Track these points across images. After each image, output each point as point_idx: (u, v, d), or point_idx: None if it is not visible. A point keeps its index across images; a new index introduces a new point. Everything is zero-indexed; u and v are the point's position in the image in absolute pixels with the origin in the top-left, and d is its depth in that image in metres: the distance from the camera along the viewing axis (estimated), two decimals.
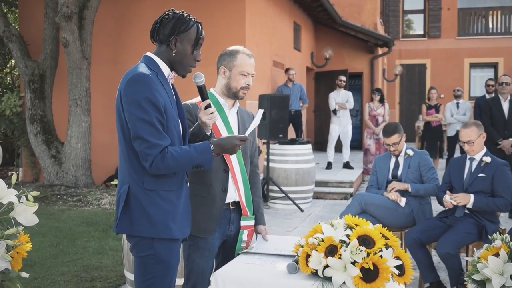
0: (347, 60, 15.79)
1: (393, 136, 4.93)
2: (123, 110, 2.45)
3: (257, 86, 10.20)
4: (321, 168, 11.33)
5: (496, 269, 2.14)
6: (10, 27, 9.37)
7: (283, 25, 12.21)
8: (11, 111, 10.14)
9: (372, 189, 5.08)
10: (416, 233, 4.48)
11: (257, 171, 3.39)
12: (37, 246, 6.07)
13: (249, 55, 3.09)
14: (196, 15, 8.99)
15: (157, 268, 2.52)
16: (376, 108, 11.09)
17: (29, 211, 2.34)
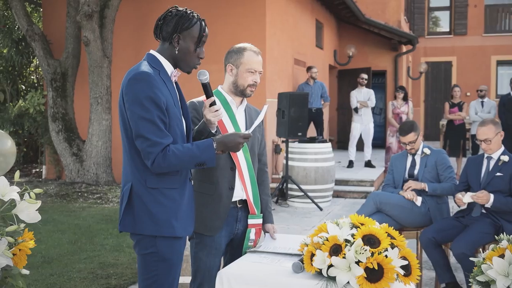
0: (371, 58, 15.65)
1: (410, 135, 4.86)
2: (125, 108, 2.45)
3: (278, 84, 10.17)
4: (342, 166, 11.27)
5: (501, 271, 2.08)
6: (33, 26, 9.49)
7: (305, 23, 12.14)
8: (34, 109, 10.28)
9: (388, 188, 5.01)
10: (431, 232, 4.41)
11: (266, 169, 3.37)
12: (56, 243, 6.15)
13: (257, 53, 3.06)
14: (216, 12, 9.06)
15: (160, 266, 2.51)
16: (399, 106, 10.95)
17: (31, 208, 2.35)
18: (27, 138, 11.62)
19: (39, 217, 2.38)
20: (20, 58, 10.73)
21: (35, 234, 6.46)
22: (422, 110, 19.77)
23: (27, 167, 12.03)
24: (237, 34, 9.60)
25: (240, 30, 9.60)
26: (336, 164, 11.51)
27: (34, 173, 11.43)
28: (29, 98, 10.36)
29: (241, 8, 9.60)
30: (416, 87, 19.58)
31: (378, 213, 4.74)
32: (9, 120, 10.66)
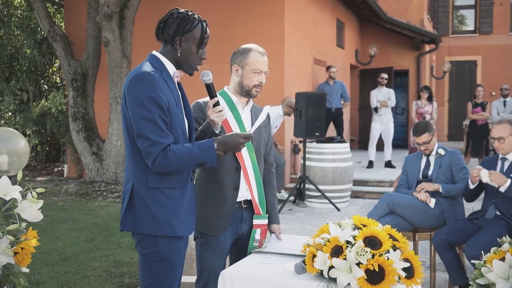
0: (393, 57, 15.51)
1: (424, 135, 4.80)
2: (127, 108, 2.47)
3: (297, 84, 10.15)
4: (362, 167, 11.20)
5: (501, 274, 2.04)
6: (55, 26, 9.63)
7: (325, 22, 12.08)
8: (56, 109, 10.42)
9: (402, 188, 4.96)
10: (444, 234, 4.35)
11: (272, 169, 3.36)
12: (73, 241, 6.23)
13: (262, 53, 3.06)
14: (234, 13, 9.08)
15: (160, 266, 2.53)
16: (423, 106, 10.86)
17: (34, 207, 2.38)
18: (50, 137, 11.78)
19: (41, 216, 2.41)
20: (42, 58, 10.87)
21: (53, 232, 6.61)
22: (446, 110, 19.52)
23: (49, 166, 12.20)
24: (255, 34, 9.60)
25: (259, 30, 9.60)
26: (356, 164, 11.48)
27: (56, 172, 11.58)
28: (51, 98, 10.51)
29: (259, 8, 9.60)
30: (440, 86, 19.34)
31: (391, 214, 4.69)
32: (32, 120, 10.83)
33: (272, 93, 9.51)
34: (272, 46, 9.49)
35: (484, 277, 2.08)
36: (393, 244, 2.52)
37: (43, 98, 11.23)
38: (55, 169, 11.88)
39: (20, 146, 3.93)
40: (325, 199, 8.10)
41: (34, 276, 5.04)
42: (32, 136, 11.05)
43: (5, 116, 11.27)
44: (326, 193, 8.13)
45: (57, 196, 9.13)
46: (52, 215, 7.66)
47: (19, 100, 11.20)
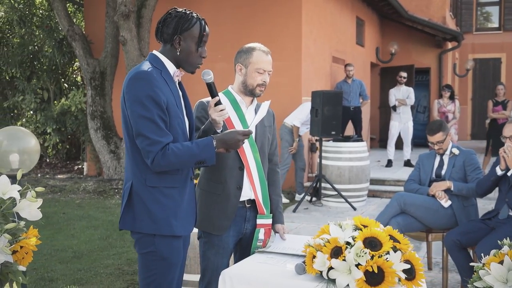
0: (414, 55, 15.33)
1: (438, 134, 4.74)
2: (126, 107, 2.47)
3: (315, 82, 10.10)
4: (381, 165, 11.11)
5: (499, 277, 2.00)
6: (74, 26, 9.73)
7: (345, 20, 12.00)
8: (76, 107, 10.53)
9: (412, 183, 4.90)
10: (456, 235, 4.28)
11: (277, 169, 3.35)
12: (88, 239, 6.28)
13: (266, 52, 3.04)
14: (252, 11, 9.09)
15: (159, 265, 2.53)
16: (446, 105, 10.73)
17: (33, 206, 2.40)
18: (70, 136, 11.92)
19: (40, 215, 2.43)
20: (62, 57, 11.00)
21: (69, 229, 6.68)
22: (470, 108, 19.25)
23: (70, 163, 12.35)
24: (273, 32, 9.59)
25: (276, 29, 9.57)
26: (375, 163, 11.40)
27: (76, 169, 11.71)
28: (71, 97, 10.63)
29: (277, 7, 9.57)
30: (464, 84, 19.08)
31: (403, 214, 4.64)
32: (52, 118, 10.96)
33: (289, 92, 9.49)
34: (289, 45, 9.48)
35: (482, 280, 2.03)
36: (393, 245, 2.49)
37: (64, 97, 11.36)
38: (75, 167, 12.02)
39: (30, 145, 3.96)
40: (341, 198, 8.05)
41: (47, 273, 5.11)
42: (52, 134, 11.19)
43: (27, 115, 11.43)
44: (342, 192, 8.08)
45: (76, 193, 9.23)
46: (69, 212, 7.75)
47: (40, 98, 11.34)
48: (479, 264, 2.13)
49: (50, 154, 12.26)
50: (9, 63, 11.41)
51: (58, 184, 10.06)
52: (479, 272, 2.06)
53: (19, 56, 11.34)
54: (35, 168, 12.04)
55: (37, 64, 11.64)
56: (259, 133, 3.13)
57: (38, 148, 4.04)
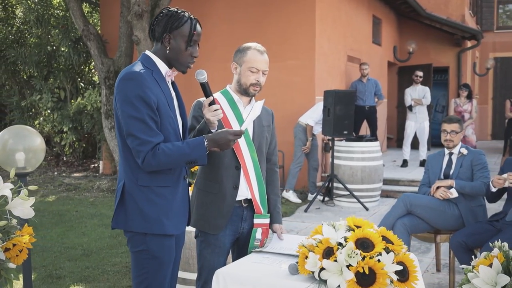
0: (433, 54, 15.16)
1: (454, 124, 4.73)
2: (117, 107, 2.49)
3: (329, 82, 10.05)
4: (397, 165, 11.01)
5: (487, 279, 1.96)
6: (89, 26, 9.81)
7: (360, 19, 11.92)
8: (92, 106, 10.62)
9: (424, 188, 4.86)
10: (462, 236, 4.22)
11: (276, 169, 3.33)
12: (98, 237, 6.33)
13: (261, 51, 3.02)
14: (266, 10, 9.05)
15: (150, 264, 2.54)
16: (462, 104, 10.62)
17: (26, 204, 2.41)
18: (87, 134, 12.03)
19: (32, 213, 2.44)
20: (78, 57, 11.10)
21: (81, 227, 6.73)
22: (490, 108, 19.01)
23: (86, 162, 12.46)
24: (286, 31, 9.56)
25: (290, 28, 9.54)
26: (390, 163, 11.31)
27: (92, 168, 11.82)
28: (87, 96, 10.72)
29: (291, 6, 9.54)
30: (484, 83, 18.84)
31: (409, 215, 4.60)
32: (68, 117, 11.07)
33: (302, 91, 9.46)
34: (303, 44, 9.45)
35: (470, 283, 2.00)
36: (386, 246, 2.46)
37: (80, 96, 11.46)
38: (91, 165, 12.13)
39: (36, 143, 4.00)
40: (353, 198, 8.00)
41: (56, 270, 5.16)
42: (69, 133, 11.31)
43: (44, 114, 11.56)
44: (354, 192, 8.03)
45: (90, 192, 9.32)
46: (82, 210, 7.82)
47: (57, 98, 11.46)
48: (469, 267, 2.10)
49: (67, 152, 12.38)
50: (26, 62, 11.55)
51: (73, 182, 10.16)
52: (467, 275, 2.02)
53: (36, 56, 11.47)
54: (52, 167, 12.18)
55: (54, 63, 11.76)
56: (257, 132, 3.12)
57: (43, 146, 4.07)
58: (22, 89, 12.68)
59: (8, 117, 12.58)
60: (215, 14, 10.11)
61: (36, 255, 5.62)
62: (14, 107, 12.26)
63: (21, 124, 11.52)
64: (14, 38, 12.68)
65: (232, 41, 9.88)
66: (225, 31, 10.00)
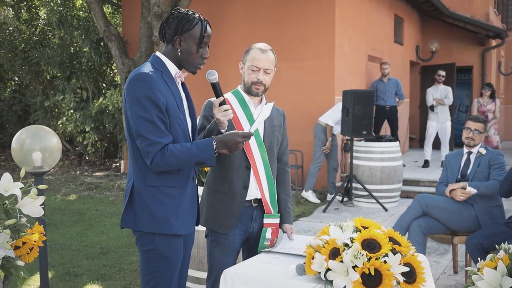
0: (456, 53, 14.97)
1: (479, 124, 4.69)
2: (127, 108, 2.51)
3: (350, 81, 10.00)
4: (418, 166, 10.91)
5: (492, 282, 1.94)
6: (110, 27, 9.92)
7: (382, 18, 11.83)
8: (113, 106, 10.73)
9: (442, 186, 4.81)
10: (478, 238, 4.16)
11: (287, 169, 3.34)
12: (116, 235, 6.40)
13: (263, 50, 3.01)
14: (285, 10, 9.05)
15: (158, 263, 2.56)
16: (485, 104, 10.49)
17: (35, 203, 2.45)
18: (109, 134, 12.16)
19: (42, 212, 2.48)
20: (99, 58, 11.22)
21: (100, 226, 6.80)
22: None
23: (108, 161, 12.59)
24: (306, 31, 9.54)
25: (310, 28, 9.52)
26: (412, 163, 11.21)
27: (114, 167, 11.94)
28: (109, 96, 10.83)
29: (311, 6, 9.51)
30: (510, 83, 18.55)
31: (425, 216, 4.56)
32: (90, 117, 11.20)
33: (322, 91, 9.43)
34: (323, 43, 9.42)
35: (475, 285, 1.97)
36: (393, 247, 2.44)
37: (101, 96, 11.59)
38: (113, 164, 12.25)
39: (52, 143, 4.06)
40: (372, 199, 7.95)
41: (73, 268, 5.22)
42: (90, 132, 11.44)
43: (67, 114, 11.71)
44: (373, 192, 7.98)
45: (110, 191, 9.42)
46: (102, 209, 7.91)
47: (79, 98, 11.60)
48: (474, 269, 2.07)
49: (89, 152, 12.53)
50: (49, 63, 11.72)
51: (95, 181, 10.28)
52: (472, 277, 2.00)
53: (59, 56, 11.63)
54: (74, 166, 12.34)
55: (76, 64, 11.91)
56: (268, 132, 3.12)
57: (59, 146, 4.14)
58: (45, 89, 12.87)
59: (32, 117, 12.77)
60: (234, 14, 10.14)
61: (55, 253, 5.70)
62: (38, 107, 12.45)
63: (45, 124, 11.72)
64: (37, 39, 12.88)
65: (251, 41, 9.83)
66: (244, 31, 10.03)
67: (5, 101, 13.49)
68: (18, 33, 13.16)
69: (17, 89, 13.86)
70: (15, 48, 12.88)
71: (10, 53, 12.89)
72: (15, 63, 12.74)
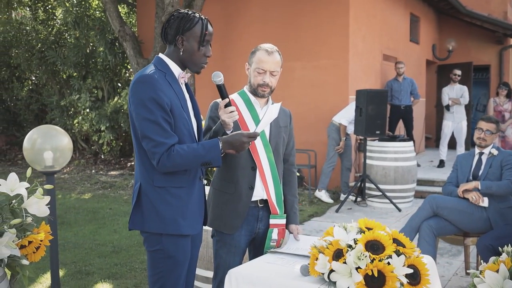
0: (473, 52, 14.81)
1: (492, 124, 4.64)
2: (132, 110, 2.53)
3: (364, 81, 9.95)
4: (433, 166, 10.83)
5: (493, 285, 1.91)
6: (125, 26, 9.97)
7: (397, 17, 11.75)
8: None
9: (450, 186, 4.76)
10: (489, 239, 4.13)
11: (293, 169, 3.33)
12: (128, 234, 6.44)
13: (269, 52, 2.99)
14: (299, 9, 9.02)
15: (165, 263, 2.58)
16: (502, 104, 10.37)
17: (41, 203, 2.47)
18: (125, 133, 12.23)
19: (47, 211, 2.50)
20: (114, 57, 11.29)
21: (113, 225, 6.84)
22: None
23: (123, 160, 12.67)
24: (320, 30, 9.51)
25: (323, 27, 9.49)
26: (427, 163, 11.13)
27: (128, 166, 12.01)
28: (124, 95, 10.90)
29: (324, 4, 9.48)
30: None
31: (435, 217, 4.52)
32: (106, 116, 11.28)
33: (336, 90, 9.40)
34: (337, 43, 9.38)
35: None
36: (397, 249, 2.43)
37: (117, 96, 11.66)
38: (127, 163, 12.32)
39: (63, 143, 4.10)
40: (386, 199, 7.90)
41: (85, 266, 5.27)
42: (106, 131, 11.52)
43: (83, 113, 11.81)
44: (387, 192, 7.93)
45: (124, 190, 9.48)
46: (115, 208, 7.96)
47: (95, 97, 11.69)
48: (476, 272, 2.05)
49: (104, 151, 12.62)
50: (65, 63, 11.82)
51: (109, 180, 10.35)
52: (473, 280, 1.98)
53: (74, 56, 11.72)
54: (90, 165, 12.44)
55: (92, 64, 12.00)
56: (274, 133, 3.12)
57: (70, 146, 4.17)
58: (61, 88, 12.99)
59: (49, 116, 12.90)
60: (249, 13, 10.14)
61: (68, 251, 5.76)
62: (54, 107, 12.56)
63: (61, 123, 11.84)
64: (54, 39, 13.00)
65: (265, 41, 9.81)
66: (258, 30, 10.02)
67: (22, 100, 13.64)
68: (35, 33, 13.30)
69: (34, 89, 14.00)
70: (32, 48, 13.02)
71: (27, 53, 13.03)
72: (32, 63, 12.87)
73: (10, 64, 13.77)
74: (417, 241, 4.51)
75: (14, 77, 13.92)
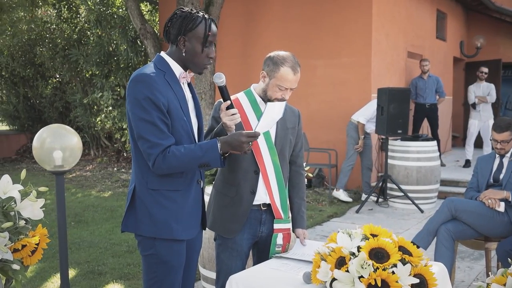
0: (502, 49, 14.43)
1: (505, 133, 4.41)
2: (128, 110, 2.45)
3: (387, 79, 9.76)
4: (459, 166, 10.57)
5: None
6: (146, 25, 9.96)
7: (423, 13, 11.50)
8: None
9: (471, 191, 4.59)
10: (509, 245, 3.96)
11: (302, 171, 3.21)
12: None
13: (295, 70, 2.86)
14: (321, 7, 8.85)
15: (159, 268, 2.50)
16: None
17: (35, 206, 2.41)
18: None
19: (42, 215, 2.44)
20: (135, 56, 11.30)
21: None
22: None
23: None
24: (342, 28, 9.35)
25: (345, 24, 9.32)
26: (453, 163, 10.88)
27: None
28: None
29: (347, 2, 9.31)
30: None
31: (454, 220, 4.36)
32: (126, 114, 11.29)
33: (358, 88, 9.23)
34: (359, 40, 9.21)
35: None
36: (402, 257, 2.31)
37: None
38: None
39: (73, 142, 4.05)
40: (408, 200, 7.72)
41: (98, 266, 5.24)
42: (127, 130, 11.55)
43: (105, 111, 11.85)
44: (409, 193, 7.75)
45: None
46: None
47: (117, 95, 11.72)
48: (483, 284, 1.92)
49: (127, 148, 12.65)
50: (88, 61, 11.88)
51: (129, 178, 10.36)
52: None
53: (97, 55, 11.77)
54: (112, 162, 12.48)
55: (114, 62, 12.03)
56: (280, 135, 3.01)
57: (80, 145, 4.12)
58: (85, 86, 13.07)
59: (72, 113, 12.99)
60: (270, 11, 10.03)
61: (82, 250, 5.74)
62: (78, 104, 12.64)
63: (84, 120, 11.90)
64: (77, 37, 13.08)
65: (286, 39, 9.76)
66: (279, 28, 9.90)
67: (47, 98, 13.77)
68: (60, 32, 13.40)
69: (58, 87, 14.13)
70: (56, 46, 13.12)
71: (51, 51, 13.13)
72: (55, 61, 12.97)
73: (35, 62, 13.91)
74: (435, 245, 4.36)
75: (38, 75, 14.06)
